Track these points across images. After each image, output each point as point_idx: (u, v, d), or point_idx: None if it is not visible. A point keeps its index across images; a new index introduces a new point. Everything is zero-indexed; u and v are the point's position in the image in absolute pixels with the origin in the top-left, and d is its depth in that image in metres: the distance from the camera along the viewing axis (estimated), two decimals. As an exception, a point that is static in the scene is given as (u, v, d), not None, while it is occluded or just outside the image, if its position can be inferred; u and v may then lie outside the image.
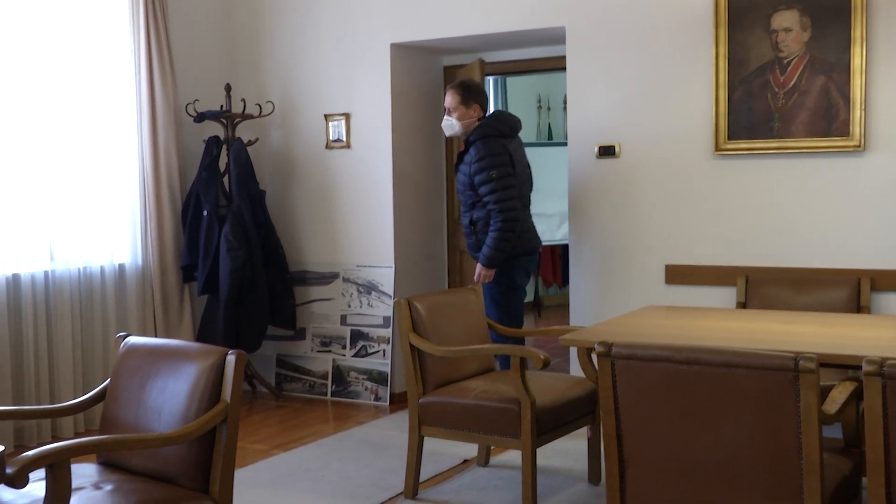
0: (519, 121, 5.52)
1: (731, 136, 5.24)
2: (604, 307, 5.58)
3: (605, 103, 5.64)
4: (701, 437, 2.89)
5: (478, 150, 5.18)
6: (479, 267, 5.26)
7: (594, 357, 3.15)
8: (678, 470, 2.96)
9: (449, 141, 6.78)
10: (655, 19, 5.43)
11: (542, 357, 4.08)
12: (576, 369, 5.39)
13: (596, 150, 5.67)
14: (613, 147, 5.61)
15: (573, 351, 5.43)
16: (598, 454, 4.54)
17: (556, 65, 6.20)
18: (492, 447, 4.96)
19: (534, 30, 5.85)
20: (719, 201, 5.35)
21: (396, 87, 6.37)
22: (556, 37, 5.90)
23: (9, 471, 2.45)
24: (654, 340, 3.37)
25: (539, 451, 4.19)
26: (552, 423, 4.25)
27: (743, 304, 4.91)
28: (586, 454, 4.67)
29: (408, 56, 6.46)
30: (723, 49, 5.20)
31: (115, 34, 6.06)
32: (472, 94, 5.33)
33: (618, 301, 5.53)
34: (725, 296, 5.24)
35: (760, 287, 4.88)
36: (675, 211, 5.48)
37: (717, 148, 5.28)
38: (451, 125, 5.37)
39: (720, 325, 4.00)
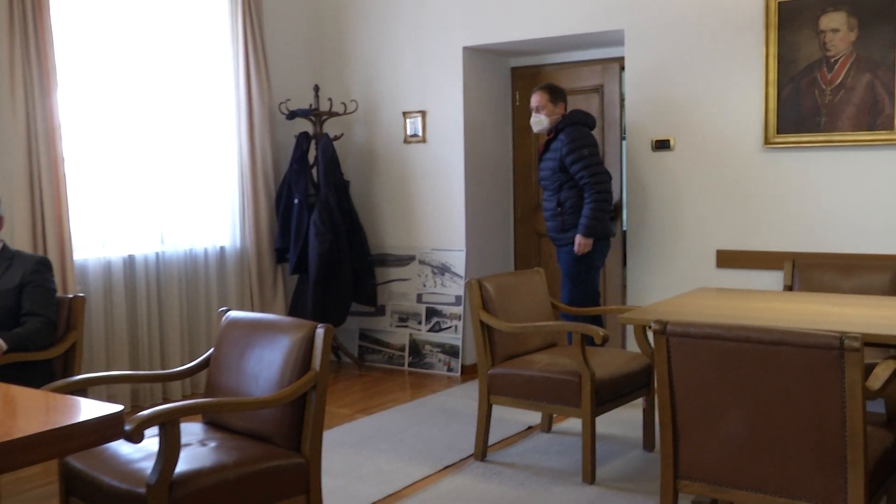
0: (594, 118, 5.53)
1: (780, 130, 5.15)
2: (658, 289, 5.54)
3: (660, 100, 5.57)
4: (750, 409, 2.84)
5: (568, 134, 5.25)
6: (578, 238, 5.25)
7: (650, 334, 3.12)
8: (728, 439, 2.91)
9: (521, 135, 6.76)
10: (708, 22, 5.34)
11: (601, 334, 4.06)
12: (632, 345, 5.36)
13: (652, 143, 5.61)
14: (668, 141, 5.54)
15: (629, 328, 5.40)
16: (653, 423, 4.52)
17: (613, 65, 6.14)
18: (554, 415, 4.94)
19: (594, 33, 5.79)
20: (768, 191, 5.25)
21: (468, 86, 6.36)
22: (615, 39, 5.84)
23: (127, 428, 2.50)
24: (705, 320, 3.30)
25: (597, 419, 4.16)
26: (610, 394, 4.22)
27: (789, 287, 4.80)
28: (641, 423, 4.63)
29: (478, 58, 6.43)
30: (773, 49, 5.11)
31: (217, 42, 6.13)
32: (557, 94, 5.39)
33: (671, 283, 5.48)
34: (773, 279, 5.14)
35: (806, 271, 4.77)
36: (725, 200, 5.39)
37: (767, 141, 5.19)
38: (539, 121, 5.40)
39: (768, 306, 3.92)
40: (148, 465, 2.82)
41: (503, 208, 6.83)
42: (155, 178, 5.75)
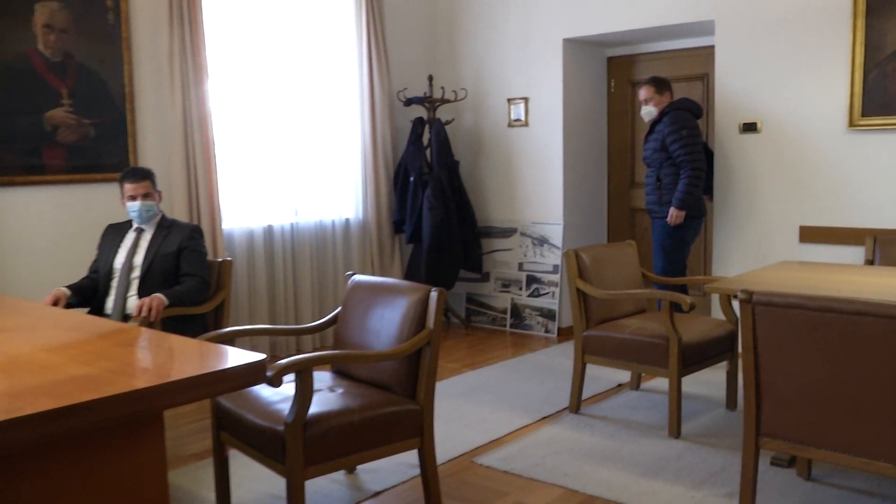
0: (701, 107, 5.47)
1: (865, 113, 4.92)
2: (742, 261, 5.40)
3: (748, 85, 5.39)
4: (831, 374, 2.75)
5: (671, 117, 5.23)
6: (672, 210, 5.22)
7: (735, 303, 3.05)
8: (808, 402, 2.83)
9: (615, 120, 6.66)
10: (797, 10, 5.13)
11: (689, 301, 3.99)
12: (716, 313, 5.24)
13: (740, 126, 5.44)
14: (755, 123, 5.37)
15: (714, 297, 5.28)
16: (735, 385, 4.43)
17: (703, 54, 5.96)
18: (643, 374, 4.89)
19: (686, 24, 5.64)
20: (850, 170, 5.04)
21: (567, 75, 6.28)
22: (706, 29, 5.68)
23: (268, 374, 2.58)
24: (789, 290, 3.20)
25: (683, 379, 4.10)
26: (695, 356, 4.15)
27: (870, 262, 4.60)
28: (724, 384, 4.54)
29: (576, 49, 6.34)
30: (860, 36, 4.88)
31: (345, 39, 6.20)
32: (662, 85, 5.38)
33: (756, 257, 5.34)
34: (854, 254, 4.95)
35: (887, 246, 4.56)
36: (809, 178, 5.20)
37: (851, 123, 4.97)
38: (650, 112, 5.38)
39: (849, 278, 3.77)
40: (285, 407, 2.91)
41: (598, 186, 6.74)
42: (290, 159, 5.88)
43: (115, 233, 4.21)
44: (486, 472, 3.69)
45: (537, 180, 6.47)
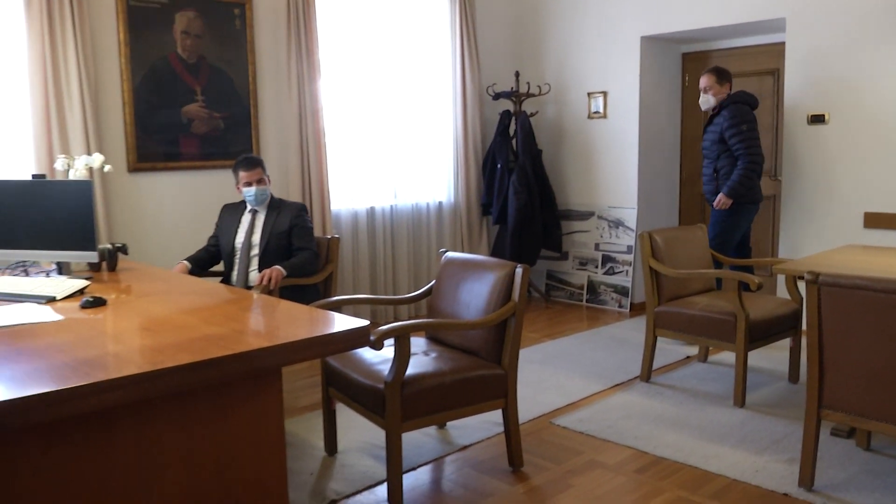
0: (757, 99, 5.18)
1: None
2: (808, 245, 5.21)
3: (817, 79, 5.16)
4: (891, 352, 2.64)
5: (730, 111, 4.98)
6: (721, 195, 5.02)
7: (800, 284, 2.95)
8: (869, 377, 2.72)
9: (688, 112, 6.48)
10: (866, 7, 4.88)
11: (756, 281, 3.87)
12: (781, 292, 5.08)
13: (808, 117, 5.22)
14: (823, 115, 5.14)
15: (780, 278, 5.12)
16: (798, 360, 4.30)
17: (774, 50, 5.73)
18: (710, 348, 4.78)
19: (758, 21, 5.43)
20: (916, 159, 4.80)
21: (643, 70, 6.13)
22: (776, 27, 5.46)
23: (371, 338, 2.62)
24: (853, 273, 3.08)
25: (749, 353, 4.00)
26: (761, 332, 4.03)
27: (931, 247, 4.39)
28: (788, 359, 4.40)
29: (653, 45, 6.18)
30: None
31: (440, 39, 6.20)
32: (723, 76, 5.10)
33: (821, 240, 5.14)
34: (917, 239, 4.72)
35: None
36: (874, 167, 4.95)
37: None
38: (707, 101, 5.12)
39: (911, 262, 3.60)
40: (385, 368, 2.96)
41: (671, 173, 6.57)
42: (390, 147, 5.93)
43: (230, 212, 4.29)
44: (562, 432, 3.68)
45: (614, 168, 6.35)
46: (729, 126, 4.97)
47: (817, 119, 5.17)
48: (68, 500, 2.16)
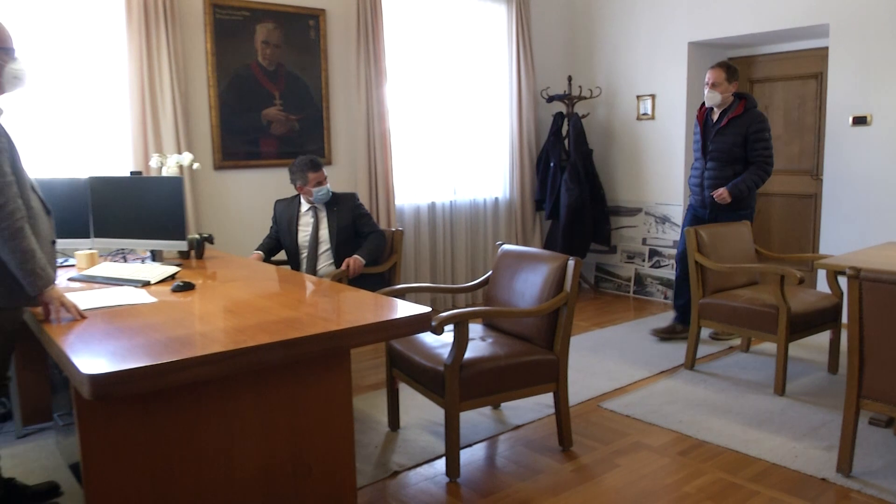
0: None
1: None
2: (848, 242, 5.03)
3: (859, 82, 4.98)
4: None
5: (757, 116, 4.55)
6: (724, 189, 4.52)
7: (841, 279, 2.86)
8: (909, 368, 2.63)
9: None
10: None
11: (798, 275, 3.76)
12: (822, 286, 4.94)
13: (850, 119, 5.04)
14: (866, 117, 4.96)
15: (821, 272, 4.97)
16: (838, 351, 4.17)
17: (817, 54, 5.55)
18: (752, 339, 4.67)
19: (802, 27, 5.26)
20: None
21: (690, 74, 6.00)
22: (820, 32, 5.29)
23: (433, 324, 2.64)
24: (893, 269, 2.97)
25: (790, 344, 3.90)
26: (802, 325, 3.92)
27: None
28: (827, 351, 4.28)
29: (700, 50, 6.04)
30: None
31: (497, 45, 6.18)
32: (733, 74, 4.60)
33: (861, 238, 4.96)
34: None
35: None
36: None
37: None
38: (714, 97, 4.57)
39: (952, 259, 3.45)
40: (445, 351, 2.98)
41: (716, 173, 6.44)
42: (450, 147, 5.94)
43: (285, 207, 4.29)
44: (609, 415, 3.65)
45: (661, 166, 6.24)
46: (757, 131, 4.52)
47: (860, 121, 4.99)
48: (163, 459, 2.25)
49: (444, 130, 5.88)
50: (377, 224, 4.22)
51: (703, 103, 4.72)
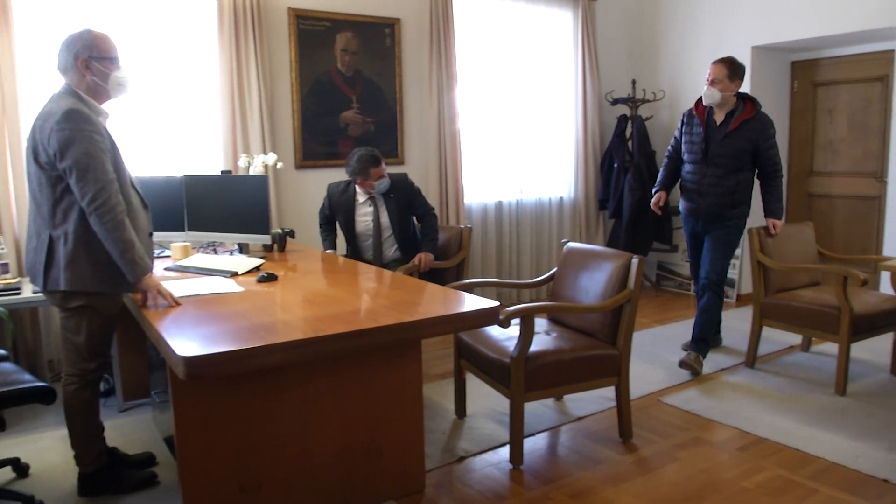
0: None
1: None
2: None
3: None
4: None
5: (768, 120, 4.02)
6: (777, 221, 4.08)
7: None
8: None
9: (796, 116, 6.06)
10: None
11: (861, 277, 3.59)
12: (886, 288, 4.70)
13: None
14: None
15: (885, 274, 4.73)
16: (902, 353, 3.97)
17: (883, 57, 5.27)
18: (812, 339, 4.49)
19: (867, 30, 5.00)
20: None
21: (754, 76, 5.78)
22: (885, 35, 5.04)
23: (500, 317, 2.63)
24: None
25: (851, 345, 3.73)
26: (864, 326, 3.74)
27: None
28: (890, 352, 4.07)
29: (763, 54, 5.82)
30: None
31: (563, 50, 6.09)
32: (737, 71, 4.00)
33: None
34: None
35: None
36: None
37: None
38: (712, 95, 3.98)
39: None
40: (511, 344, 2.96)
41: (779, 174, 6.20)
42: (517, 148, 5.89)
43: (339, 195, 4.17)
44: (670, 409, 3.57)
45: (724, 168, 6.05)
46: (770, 138, 4.00)
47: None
48: (247, 435, 2.31)
49: (511, 132, 5.84)
50: (429, 203, 4.19)
51: (700, 100, 4.13)
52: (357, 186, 4.12)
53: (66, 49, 2.54)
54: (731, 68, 3.98)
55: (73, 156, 2.38)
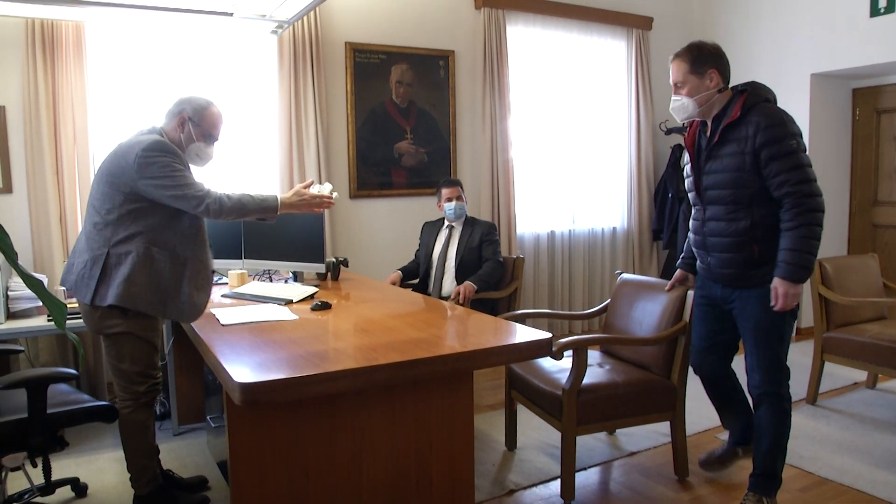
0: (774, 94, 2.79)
1: None
2: None
3: None
4: None
5: (768, 112, 2.59)
6: (782, 284, 2.52)
7: None
8: None
9: (859, 144, 5.89)
10: None
11: (932, 313, 3.42)
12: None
13: None
14: None
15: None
16: (978, 393, 3.76)
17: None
18: (879, 375, 4.30)
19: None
20: None
21: (813, 105, 5.65)
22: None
23: (553, 349, 2.61)
24: None
25: (924, 383, 3.56)
26: (937, 363, 3.57)
27: None
28: (966, 391, 3.88)
29: (823, 82, 5.68)
30: None
31: (617, 80, 6.08)
32: (705, 58, 2.72)
33: None
34: None
35: None
36: None
37: None
38: (683, 106, 2.76)
39: None
40: (563, 376, 2.92)
41: (839, 203, 5.99)
42: (570, 177, 5.87)
43: (430, 229, 4.39)
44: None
45: (783, 198, 5.90)
46: (772, 141, 2.51)
47: None
48: (300, 462, 2.32)
49: (564, 161, 5.83)
50: (500, 256, 4.20)
51: (693, 122, 2.88)
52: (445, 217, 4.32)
53: (180, 101, 2.72)
54: (693, 57, 2.73)
55: (158, 171, 2.51)
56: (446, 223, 4.30)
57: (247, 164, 4.64)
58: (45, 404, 2.48)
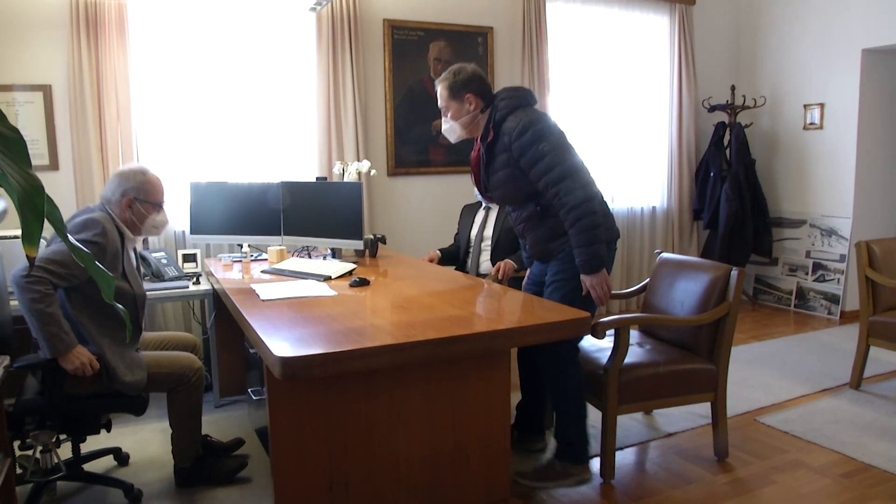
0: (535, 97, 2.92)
1: None
2: None
3: None
4: None
5: (516, 121, 2.73)
6: (585, 278, 2.73)
7: None
8: None
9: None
10: None
11: None
12: None
13: None
14: None
15: None
16: None
17: None
18: (929, 360, 4.19)
19: None
20: None
21: (864, 82, 5.46)
22: None
23: (596, 328, 2.57)
24: None
25: (975, 369, 3.45)
26: None
27: None
28: None
29: (874, 57, 5.47)
30: None
31: (659, 55, 5.94)
32: (466, 83, 2.82)
33: None
34: None
35: None
36: None
37: None
38: (451, 129, 2.92)
39: None
40: (602, 355, 2.90)
41: (890, 184, 5.80)
42: (610, 155, 5.78)
43: (469, 211, 4.36)
44: (767, 430, 3.40)
45: (828, 178, 5.74)
46: (526, 145, 2.67)
47: None
48: (338, 435, 2.35)
49: (603, 139, 5.74)
50: None
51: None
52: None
53: (118, 183, 2.70)
54: (449, 84, 2.83)
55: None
56: (484, 204, 4.28)
57: (286, 141, 4.67)
58: (62, 386, 2.46)
